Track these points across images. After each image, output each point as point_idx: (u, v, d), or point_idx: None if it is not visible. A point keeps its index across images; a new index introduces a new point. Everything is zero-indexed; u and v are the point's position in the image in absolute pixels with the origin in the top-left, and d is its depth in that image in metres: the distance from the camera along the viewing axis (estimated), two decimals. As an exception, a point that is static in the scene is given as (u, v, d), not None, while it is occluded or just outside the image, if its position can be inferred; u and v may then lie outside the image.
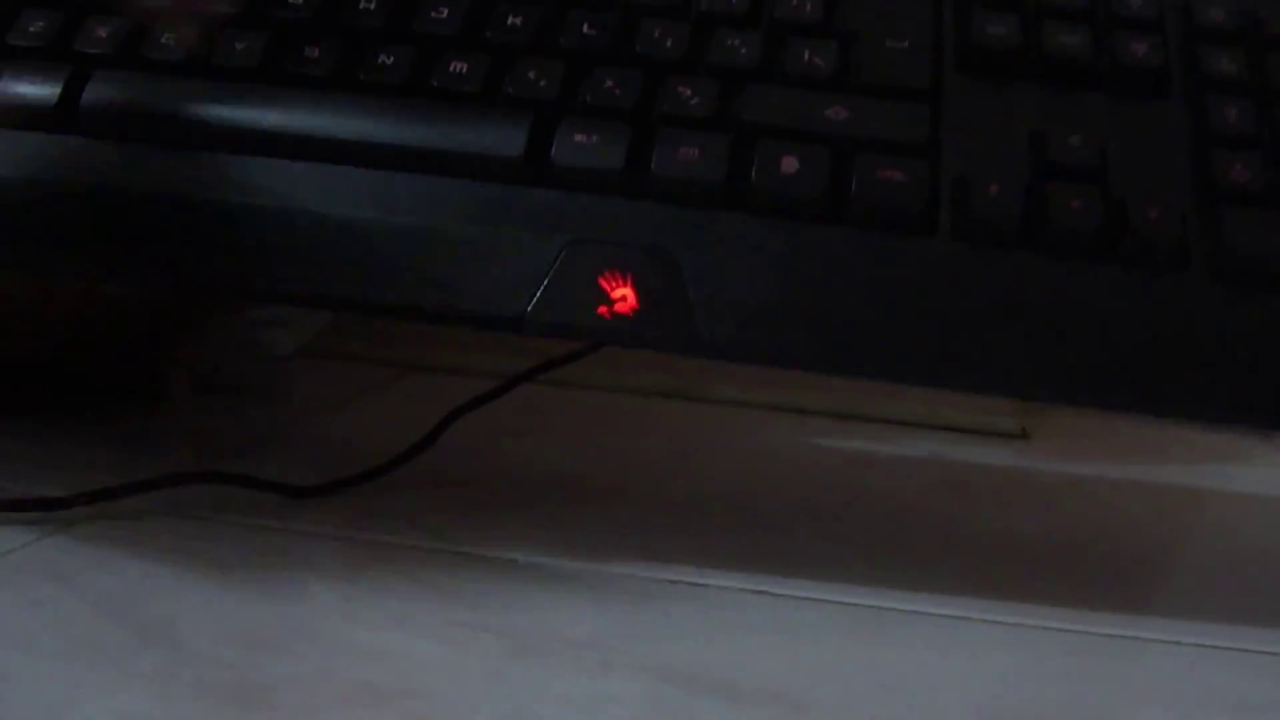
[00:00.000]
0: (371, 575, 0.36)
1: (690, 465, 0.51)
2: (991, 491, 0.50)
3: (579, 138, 0.37)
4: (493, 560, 0.38)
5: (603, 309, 0.35)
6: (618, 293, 0.36)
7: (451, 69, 0.38)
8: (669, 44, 0.38)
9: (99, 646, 0.30)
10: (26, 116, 0.38)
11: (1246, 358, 0.35)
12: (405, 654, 0.31)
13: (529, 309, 0.36)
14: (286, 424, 0.54)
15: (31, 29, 0.39)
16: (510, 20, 0.39)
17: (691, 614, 0.35)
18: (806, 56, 0.38)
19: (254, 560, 0.37)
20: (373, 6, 0.39)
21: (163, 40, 0.39)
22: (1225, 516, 0.50)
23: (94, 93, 0.38)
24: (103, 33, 0.39)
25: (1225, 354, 0.35)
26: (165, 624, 0.32)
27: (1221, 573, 0.42)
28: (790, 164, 0.36)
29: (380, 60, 0.38)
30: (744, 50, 0.38)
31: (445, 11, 0.39)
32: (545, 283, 0.36)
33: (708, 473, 0.50)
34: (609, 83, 0.38)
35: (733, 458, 0.41)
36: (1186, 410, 0.35)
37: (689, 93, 0.38)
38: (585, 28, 0.39)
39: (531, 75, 0.38)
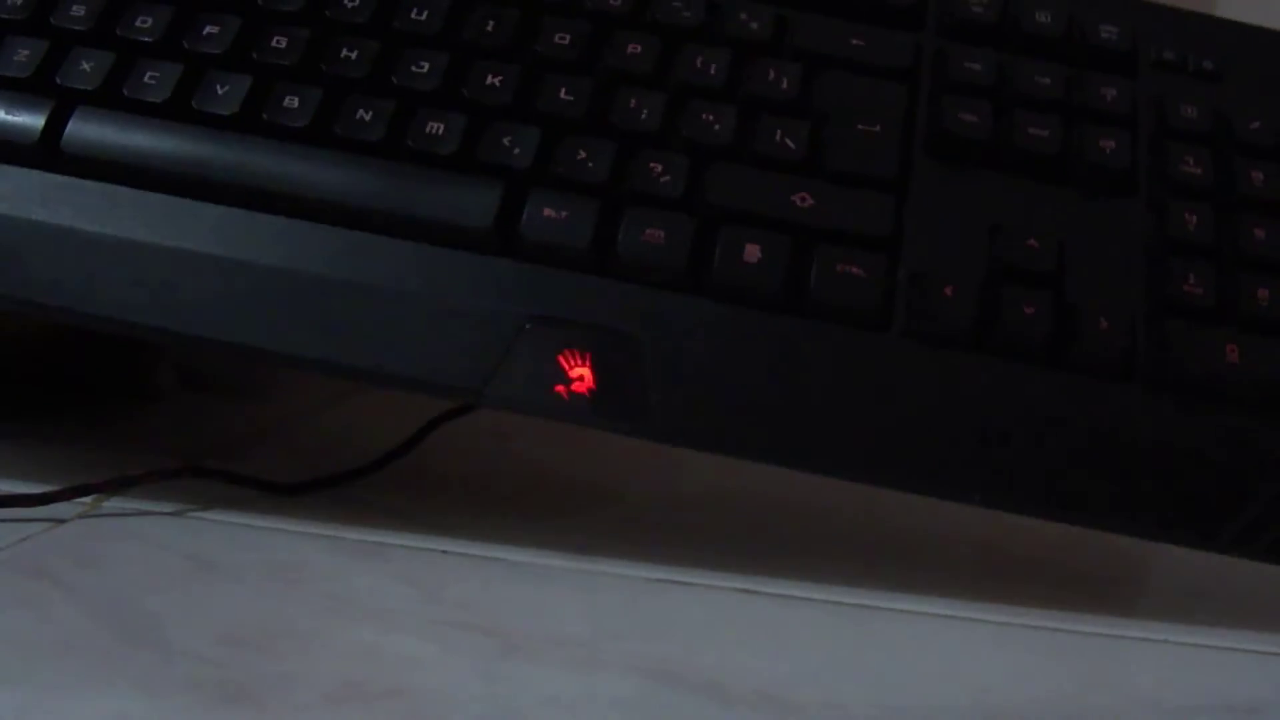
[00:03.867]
0: (359, 574, 0.37)
1: (678, 464, 0.51)
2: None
3: (548, 212, 0.37)
4: (480, 559, 0.38)
5: (560, 388, 0.36)
6: (576, 372, 0.36)
7: (428, 129, 0.38)
8: (644, 115, 0.39)
9: (86, 646, 0.31)
10: (8, 150, 0.39)
11: (1181, 474, 0.36)
12: (392, 653, 0.32)
13: (487, 382, 0.37)
14: (273, 423, 0.55)
15: (16, 58, 0.39)
16: (489, 80, 0.39)
17: (680, 613, 0.36)
18: (778, 136, 0.39)
19: (242, 559, 0.37)
20: (355, 56, 0.40)
21: (146, 79, 0.39)
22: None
23: (76, 131, 0.39)
24: (87, 67, 0.39)
25: (1161, 469, 0.36)
26: (152, 623, 0.32)
27: (1211, 573, 0.42)
28: (753, 253, 0.37)
29: (358, 115, 0.39)
30: (717, 126, 0.39)
31: (426, 66, 0.39)
32: (504, 357, 0.37)
33: (695, 471, 0.51)
34: (581, 153, 0.38)
35: (722, 456, 0.41)
36: (1118, 524, 0.37)
37: (659, 169, 0.38)
38: (562, 92, 0.39)
39: (506, 142, 0.38)
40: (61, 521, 0.39)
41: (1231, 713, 0.32)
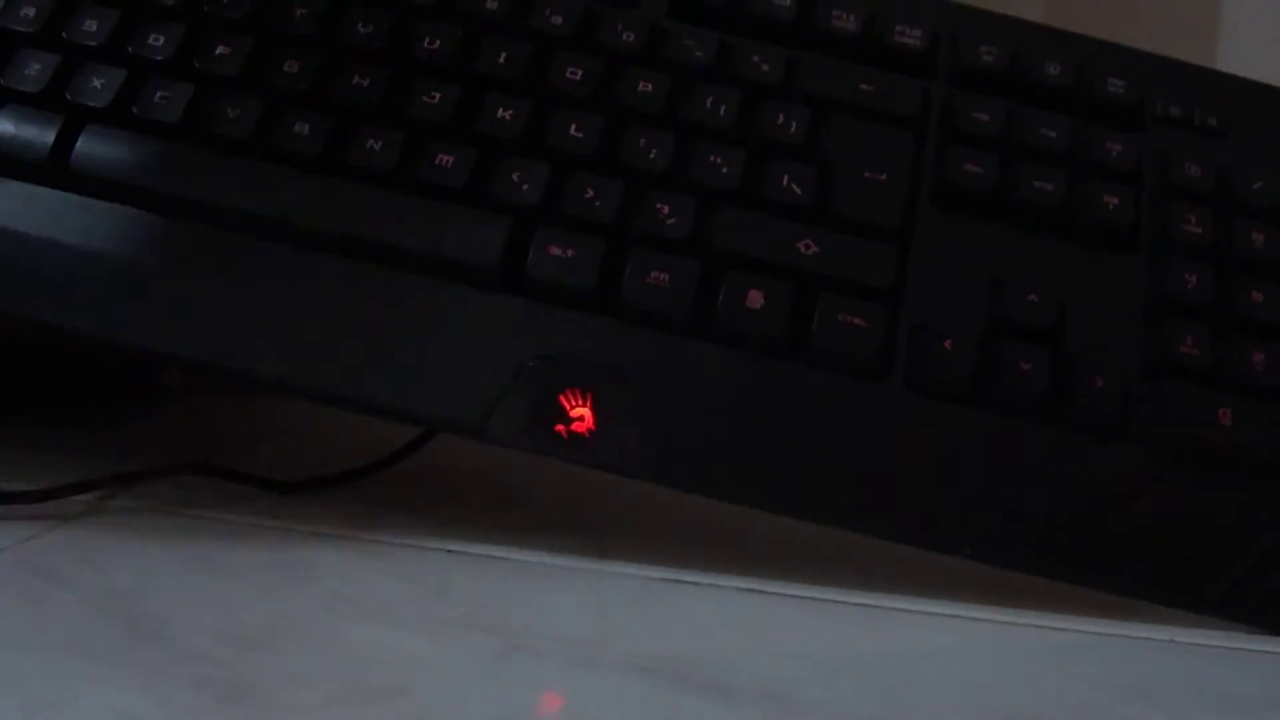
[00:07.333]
0: (364, 573, 0.37)
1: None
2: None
3: (554, 250, 0.38)
4: (484, 558, 0.38)
5: (560, 427, 0.37)
6: (576, 412, 0.37)
7: (437, 161, 0.39)
8: (652, 155, 0.39)
9: (91, 644, 0.31)
10: (17, 166, 0.39)
11: (1170, 534, 0.37)
12: (397, 652, 0.32)
13: (488, 419, 0.37)
14: (278, 421, 0.55)
15: (28, 72, 0.40)
16: (500, 114, 0.39)
17: (684, 612, 0.36)
18: (785, 182, 0.39)
19: (247, 557, 0.37)
20: (366, 84, 0.40)
21: (156, 99, 0.39)
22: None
23: (85, 149, 0.39)
24: (98, 84, 0.39)
25: (1150, 529, 0.37)
26: (157, 622, 0.32)
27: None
28: (756, 299, 0.37)
29: (368, 144, 0.39)
30: (725, 169, 0.39)
31: (437, 97, 0.40)
32: (507, 394, 0.37)
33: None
34: (590, 192, 0.38)
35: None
36: (1106, 582, 0.37)
37: (666, 211, 0.38)
38: (573, 129, 0.39)
39: (515, 177, 0.38)
40: (64, 519, 0.39)
41: (1234, 711, 0.33)
